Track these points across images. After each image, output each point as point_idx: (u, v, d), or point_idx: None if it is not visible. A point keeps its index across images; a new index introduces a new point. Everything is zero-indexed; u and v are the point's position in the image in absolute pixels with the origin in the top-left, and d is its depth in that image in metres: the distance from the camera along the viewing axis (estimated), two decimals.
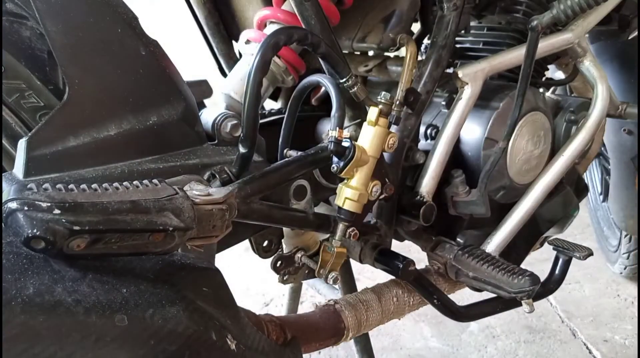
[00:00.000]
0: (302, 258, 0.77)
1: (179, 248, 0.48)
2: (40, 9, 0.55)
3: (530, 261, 0.85)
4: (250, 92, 0.60)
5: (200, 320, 0.44)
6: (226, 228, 0.52)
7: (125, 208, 0.42)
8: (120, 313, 0.39)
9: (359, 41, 0.86)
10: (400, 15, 0.83)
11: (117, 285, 0.41)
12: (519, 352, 1.50)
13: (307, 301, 1.69)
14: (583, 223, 2.18)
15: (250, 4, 0.84)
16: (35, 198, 0.38)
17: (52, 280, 0.38)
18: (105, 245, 0.41)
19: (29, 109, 0.63)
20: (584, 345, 1.54)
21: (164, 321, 0.41)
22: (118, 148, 0.60)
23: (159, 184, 0.47)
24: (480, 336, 1.57)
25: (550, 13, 0.78)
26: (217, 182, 0.64)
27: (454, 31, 0.81)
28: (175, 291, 0.45)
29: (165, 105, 0.63)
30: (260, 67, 0.60)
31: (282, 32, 0.61)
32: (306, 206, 0.73)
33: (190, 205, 0.47)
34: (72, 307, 0.37)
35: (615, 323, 1.62)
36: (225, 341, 0.47)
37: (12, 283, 0.36)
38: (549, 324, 1.63)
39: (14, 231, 0.38)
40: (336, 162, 0.66)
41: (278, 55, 0.77)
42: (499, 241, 0.87)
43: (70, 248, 0.39)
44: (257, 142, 0.64)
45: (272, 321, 0.66)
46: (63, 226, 0.38)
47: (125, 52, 0.60)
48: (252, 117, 0.61)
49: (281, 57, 0.78)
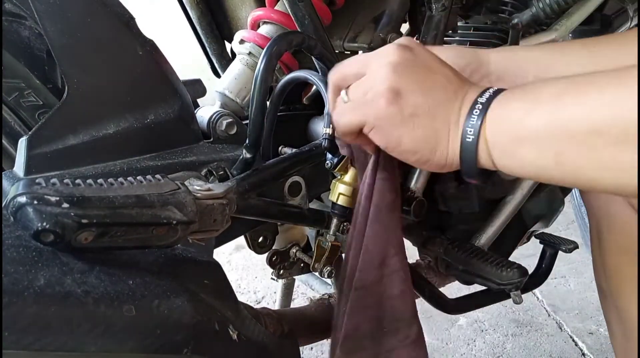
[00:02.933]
0: (296, 253, 0.79)
1: (181, 241, 0.49)
2: (38, 10, 0.56)
3: (517, 257, 0.87)
4: (256, 100, 0.62)
5: (204, 311, 0.46)
6: (226, 223, 0.54)
7: (130, 202, 0.43)
8: (128, 303, 0.40)
9: (350, 41, 0.88)
10: (390, 15, 0.85)
11: (124, 277, 0.42)
12: (506, 345, 1.53)
13: (298, 298, 1.70)
14: (568, 219, 2.23)
15: (243, 5, 0.86)
16: (44, 192, 0.39)
17: (61, 272, 0.39)
18: (111, 238, 0.43)
19: (28, 107, 0.63)
20: (569, 338, 1.57)
21: (169, 311, 0.42)
22: (117, 145, 0.61)
23: (162, 179, 0.48)
24: (469, 330, 1.60)
25: (530, 11, 0.80)
26: (214, 179, 0.65)
27: (443, 31, 0.83)
28: (179, 283, 0.46)
29: (162, 104, 0.65)
30: (265, 76, 0.62)
31: (282, 39, 0.63)
32: (301, 202, 0.75)
33: (192, 199, 0.48)
34: (82, 298, 0.38)
35: (600, 316, 1.66)
36: (227, 331, 0.48)
37: (24, 274, 0.37)
38: (536, 318, 1.66)
39: (23, 225, 0.39)
40: (330, 159, 0.68)
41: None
42: (488, 236, 0.90)
43: (77, 241, 0.40)
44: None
45: (270, 314, 0.67)
46: (71, 220, 0.39)
47: (123, 52, 0.61)
48: (258, 125, 0.63)
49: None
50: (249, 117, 0.63)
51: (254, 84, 0.62)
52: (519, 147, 0.44)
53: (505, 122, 0.45)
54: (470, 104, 0.48)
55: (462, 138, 0.48)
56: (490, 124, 0.46)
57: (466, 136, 0.47)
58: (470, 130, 0.47)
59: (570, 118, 0.40)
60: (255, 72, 0.63)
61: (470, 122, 0.47)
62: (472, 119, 0.47)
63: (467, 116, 0.47)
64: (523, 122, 0.43)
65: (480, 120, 0.46)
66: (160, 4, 1.45)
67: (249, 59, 0.79)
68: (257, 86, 0.62)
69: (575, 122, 0.40)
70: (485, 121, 0.46)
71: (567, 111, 0.41)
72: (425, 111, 0.49)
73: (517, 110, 0.44)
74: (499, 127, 0.46)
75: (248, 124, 0.64)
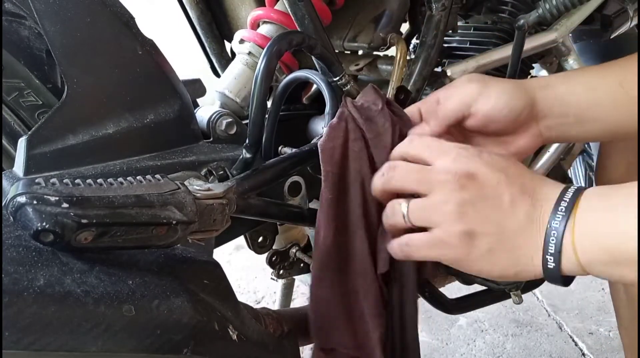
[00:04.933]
0: (296, 253, 0.79)
1: (181, 241, 0.49)
2: (38, 10, 0.56)
3: None
4: (257, 101, 0.62)
5: (204, 311, 0.46)
6: (226, 222, 0.54)
7: (130, 202, 0.43)
8: (127, 303, 0.40)
9: (350, 41, 0.88)
10: (390, 15, 0.85)
11: (124, 276, 0.42)
12: (506, 345, 1.53)
13: (298, 298, 1.70)
14: None
15: (243, 4, 0.86)
16: (44, 192, 0.39)
17: (61, 272, 0.39)
18: (111, 238, 0.43)
19: (27, 107, 0.63)
20: (569, 338, 1.57)
21: (169, 311, 0.42)
22: (116, 145, 0.61)
23: (162, 179, 0.48)
24: (469, 330, 1.60)
25: (537, 12, 0.80)
26: (214, 179, 0.65)
27: (443, 31, 0.83)
28: (179, 283, 0.46)
29: (161, 103, 0.65)
30: (265, 76, 0.62)
31: (282, 39, 0.63)
32: (301, 202, 0.75)
33: (192, 199, 0.48)
34: (81, 298, 0.38)
35: (600, 316, 1.66)
36: (227, 331, 0.48)
37: (24, 274, 0.37)
38: (536, 318, 1.66)
39: (22, 225, 0.39)
40: None
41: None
42: None
43: (77, 241, 0.40)
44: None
45: (269, 314, 0.67)
46: (71, 220, 0.39)
47: (123, 52, 0.61)
48: (258, 126, 0.63)
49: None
50: (249, 117, 0.63)
51: (254, 83, 0.62)
52: (617, 270, 0.45)
53: (598, 248, 0.45)
54: (546, 228, 0.47)
55: (543, 265, 0.48)
56: (582, 250, 0.46)
57: (547, 263, 0.47)
58: (550, 258, 0.47)
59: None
60: (255, 72, 0.63)
61: (549, 251, 0.47)
62: (550, 248, 0.47)
63: (544, 246, 0.47)
64: (620, 248, 0.43)
65: (560, 247, 0.46)
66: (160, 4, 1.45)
67: (249, 59, 0.79)
68: (257, 86, 0.62)
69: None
70: (576, 247, 0.46)
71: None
72: (503, 245, 0.49)
73: (609, 236, 0.44)
74: (594, 253, 0.46)
75: (248, 124, 0.64)
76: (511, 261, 0.49)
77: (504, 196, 0.49)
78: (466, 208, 0.49)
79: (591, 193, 0.47)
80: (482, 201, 0.50)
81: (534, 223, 0.48)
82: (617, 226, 0.44)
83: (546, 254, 0.47)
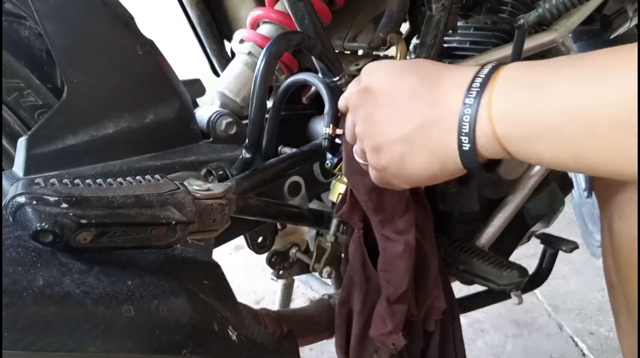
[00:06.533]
0: (296, 253, 0.79)
1: (180, 242, 0.49)
2: (39, 10, 0.56)
3: (517, 257, 0.87)
4: (256, 100, 0.62)
5: (203, 311, 0.46)
6: (225, 223, 0.54)
7: (129, 202, 0.43)
8: (126, 304, 0.40)
9: (350, 41, 0.88)
10: (390, 15, 0.85)
11: (123, 277, 0.42)
12: (507, 346, 1.53)
13: (298, 298, 1.70)
14: (568, 219, 2.23)
15: (243, 4, 0.86)
16: (43, 192, 0.39)
17: (60, 273, 0.39)
18: (110, 238, 0.43)
19: (27, 107, 0.63)
20: (570, 338, 1.57)
21: (168, 312, 0.42)
22: (116, 145, 0.61)
23: (161, 179, 0.48)
24: (469, 331, 1.60)
25: (536, 12, 0.80)
26: (214, 179, 0.65)
27: (442, 31, 0.83)
28: (178, 283, 0.46)
29: (161, 103, 0.65)
30: (265, 76, 0.62)
31: (282, 39, 0.63)
32: (301, 202, 0.75)
33: (191, 199, 0.48)
34: (80, 298, 0.38)
35: (600, 316, 1.66)
36: (227, 332, 0.48)
37: (23, 275, 0.37)
38: (536, 318, 1.66)
39: (22, 225, 0.39)
40: (330, 158, 0.68)
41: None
42: (488, 236, 0.90)
43: (76, 242, 0.40)
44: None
45: (269, 315, 0.67)
46: (70, 220, 0.39)
47: (123, 52, 0.61)
48: (258, 125, 0.63)
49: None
50: (249, 117, 0.63)
51: (253, 83, 0.62)
52: (533, 144, 0.41)
53: (515, 119, 0.42)
54: (459, 109, 0.44)
55: (459, 149, 0.45)
56: (499, 122, 0.42)
57: (462, 145, 0.44)
58: (465, 139, 0.44)
59: (587, 113, 0.37)
60: (255, 72, 0.63)
61: (462, 131, 0.44)
62: (464, 127, 0.44)
63: (458, 127, 0.44)
64: (537, 118, 0.40)
65: (473, 125, 0.43)
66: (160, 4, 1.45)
67: (249, 59, 0.78)
68: (257, 86, 0.62)
69: (592, 116, 0.37)
70: (493, 119, 0.42)
71: (581, 104, 0.38)
72: (413, 145, 0.47)
73: (527, 105, 0.41)
74: (510, 123, 0.42)
75: (248, 124, 0.64)
76: (430, 157, 0.46)
77: (399, 96, 0.47)
78: (366, 125, 0.49)
79: (513, 66, 0.43)
80: (378, 111, 0.48)
81: (442, 107, 0.45)
82: (537, 96, 0.40)
83: (460, 135, 0.44)
